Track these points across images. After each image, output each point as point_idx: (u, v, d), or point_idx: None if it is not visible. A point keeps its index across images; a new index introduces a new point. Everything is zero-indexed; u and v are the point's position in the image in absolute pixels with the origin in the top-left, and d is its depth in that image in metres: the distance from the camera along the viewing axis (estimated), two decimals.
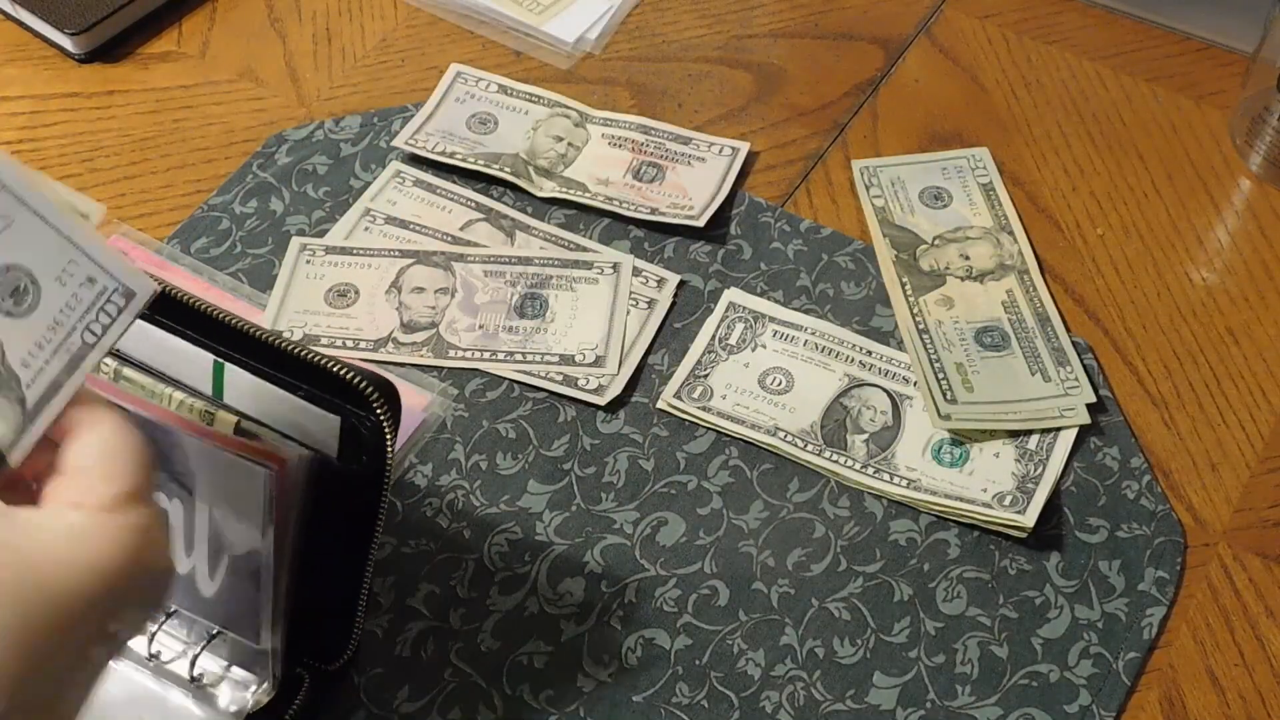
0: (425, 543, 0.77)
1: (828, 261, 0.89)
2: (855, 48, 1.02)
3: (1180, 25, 1.03)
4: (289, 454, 0.63)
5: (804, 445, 0.81)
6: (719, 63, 1.01)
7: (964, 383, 0.83)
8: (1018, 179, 0.94)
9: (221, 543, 0.66)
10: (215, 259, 0.88)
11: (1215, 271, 0.90)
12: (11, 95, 0.97)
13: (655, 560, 0.77)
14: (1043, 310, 0.86)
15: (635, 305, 0.86)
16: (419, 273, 0.87)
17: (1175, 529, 0.79)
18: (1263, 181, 0.94)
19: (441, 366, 0.84)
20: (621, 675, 0.73)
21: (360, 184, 0.92)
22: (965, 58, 1.01)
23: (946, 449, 0.81)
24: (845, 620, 0.75)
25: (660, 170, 0.93)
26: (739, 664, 0.74)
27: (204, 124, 0.96)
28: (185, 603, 0.69)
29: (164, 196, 0.92)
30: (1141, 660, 0.74)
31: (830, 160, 0.95)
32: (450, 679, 0.73)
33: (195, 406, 0.65)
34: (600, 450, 0.81)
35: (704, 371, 0.84)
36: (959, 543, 0.78)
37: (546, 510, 0.78)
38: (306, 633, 0.69)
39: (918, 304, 0.86)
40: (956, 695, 0.73)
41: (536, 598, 0.75)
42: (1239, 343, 0.87)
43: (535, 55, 1.01)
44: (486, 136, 0.95)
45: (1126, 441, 0.82)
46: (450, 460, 0.80)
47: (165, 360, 0.66)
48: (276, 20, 1.02)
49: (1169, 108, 0.98)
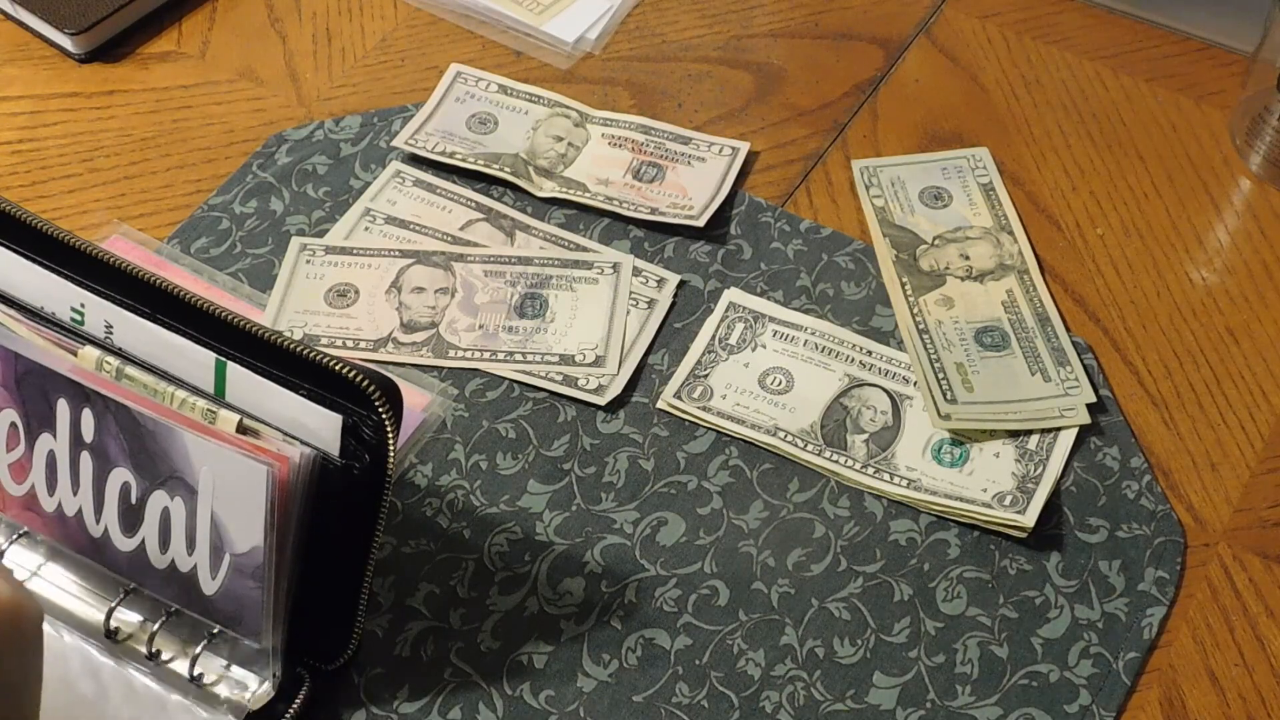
0: (425, 543, 0.77)
1: (828, 261, 0.89)
2: (855, 48, 1.02)
3: (1180, 25, 1.03)
4: (291, 452, 0.64)
5: (804, 445, 0.81)
6: (719, 63, 1.01)
7: (964, 383, 0.83)
8: (1018, 179, 0.94)
9: (223, 541, 0.66)
10: (215, 259, 0.88)
11: (1215, 271, 0.90)
12: (11, 95, 0.97)
13: (655, 560, 0.77)
14: (1043, 310, 0.86)
15: (635, 305, 0.86)
16: (419, 273, 0.87)
17: (1175, 529, 0.79)
18: (1263, 181, 0.94)
19: (441, 366, 0.84)
20: (621, 675, 0.73)
21: (360, 184, 0.92)
22: (965, 58, 1.01)
23: (946, 449, 0.81)
24: (845, 620, 0.75)
25: (660, 170, 0.93)
26: (739, 664, 0.74)
27: (204, 124, 0.96)
28: (186, 602, 0.69)
29: (164, 196, 0.91)
30: (1141, 660, 0.74)
31: (830, 160, 0.95)
32: (450, 679, 0.73)
33: (197, 405, 0.65)
34: (600, 450, 0.81)
35: (704, 371, 0.84)
36: (959, 543, 0.78)
37: (546, 510, 0.78)
38: (306, 633, 0.69)
39: (918, 304, 0.86)
40: (956, 695, 0.73)
41: (536, 598, 0.75)
42: (1239, 343, 0.87)
43: (535, 55, 1.01)
44: (486, 136, 0.95)
45: (1126, 441, 0.82)
46: (450, 460, 0.80)
47: (168, 358, 0.66)
48: (276, 20, 1.02)
49: (1169, 108, 0.98)
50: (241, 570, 0.66)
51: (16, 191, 0.91)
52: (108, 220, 0.89)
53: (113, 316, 0.67)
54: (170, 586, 0.69)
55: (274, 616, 0.67)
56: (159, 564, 0.69)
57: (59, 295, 0.68)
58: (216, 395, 0.66)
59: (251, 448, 0.64)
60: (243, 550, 0.66)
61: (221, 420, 0.65)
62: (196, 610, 0.69)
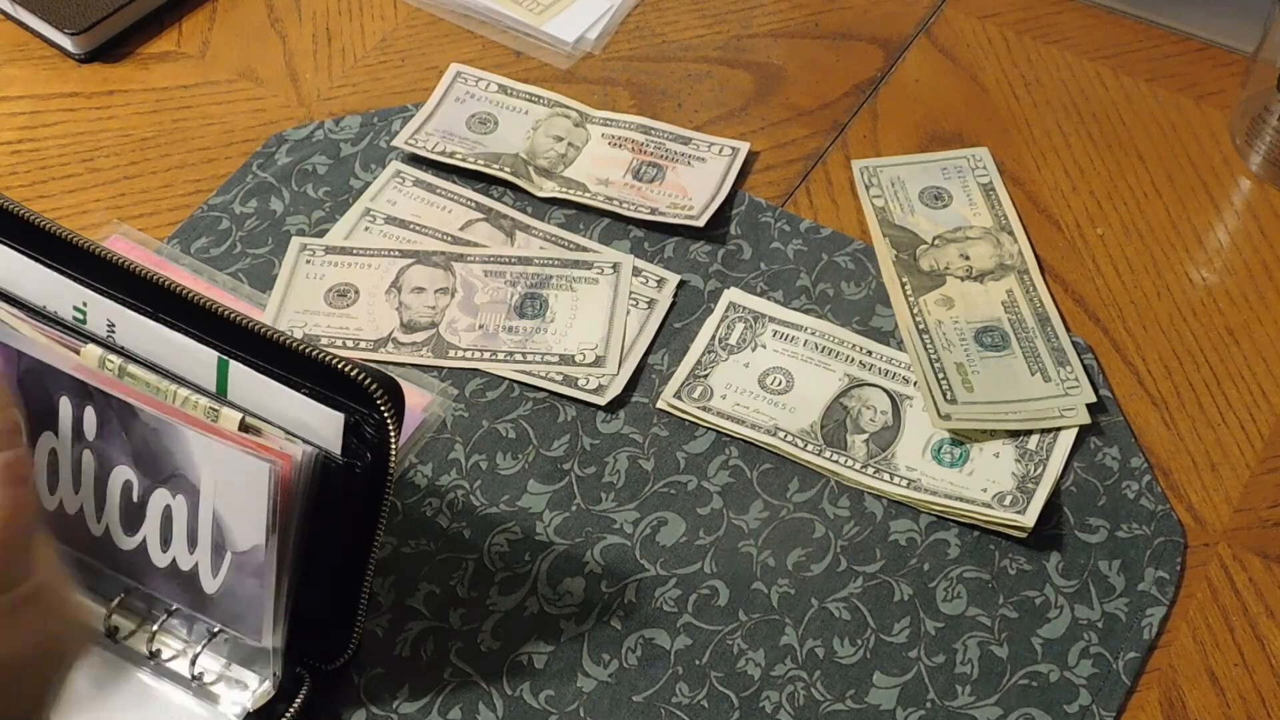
0: (425, 543, 0.77)
1: (828, 261, 0.89)
2: (855, 48, 1.02)
3: (1180, 25, 1.03)
4: (293, 451, 0.64)
5: (804, 445, 0.81)
6: (719, 63, 1.01)
7: (964, 383, 0.83)
8: (1018, 179, 0.94)
9: (224, 540, 0.66)
10: (215, 259, 0.88)
11: (1215, 271, 0.90)
12: (11, 95, 0.97)
13: (655, 560, 0.77)
14: (1043, 310, 0.86)
15: (635, 305, 0.86)
16: (419, 273, 0.87)
17: (1175, 529, 0.79)
18: (1263, 181, 0.94)
19: (441, 366, 0.84)
20: (621, 675, 0.73)
21: (360, 184, 0.92)
22: (965, 58, 1.01)
23: (946, 449, 0.81)
24: (845, 620, 0.75)
25: (660, 170, 0.93)
26: (739, 664, 0.74)
27: (204, 124, 0.96)
28: (187, 601, 0.69)
29: (164, 196, 0.91)
30: (1141, 660, 0.74)
31: (830, 160, 0.95)
32: (450, 679, 0.73)
33: (200, 403, 0.65)
34: (600, 450, 0.81)
35: (704, 371, 0.84)
36: (959, 543, 0.78)
37: (546, 510, 0.78)
38: (307, 632, 0.69)
39: (918, 304, 0.86)
40: (956, 695, 0.73)
41: (536, 598, 0.75)
42: (1239, 343, 0.87)
43: (535, 55, 1.01)
44: (486, 136, 0.95)
45: (1126, 441, 0.82)
46: (450, 460, 0.80)
47: (170, 357, 0.66)
48: (276, 20, 1.02)
49: (1169, 108, 0.98)
50: (242, 569, 0.66)
51: (16, 191, 0.91)
52: (108, 220, 0.89)
53: (115, 315, 0.67)
54: (171, 585, 0.69)
55: (274, 616, 0.67)
56: (160, 563, 0.69)
57: (61, 294, 0.68)
58: (219, 393, 0.66)
59: (254, 446, 0.64)
60: (244, 549, 0.66)
61: (224, 418, 0.65)
62: (197, 609, 0.69)
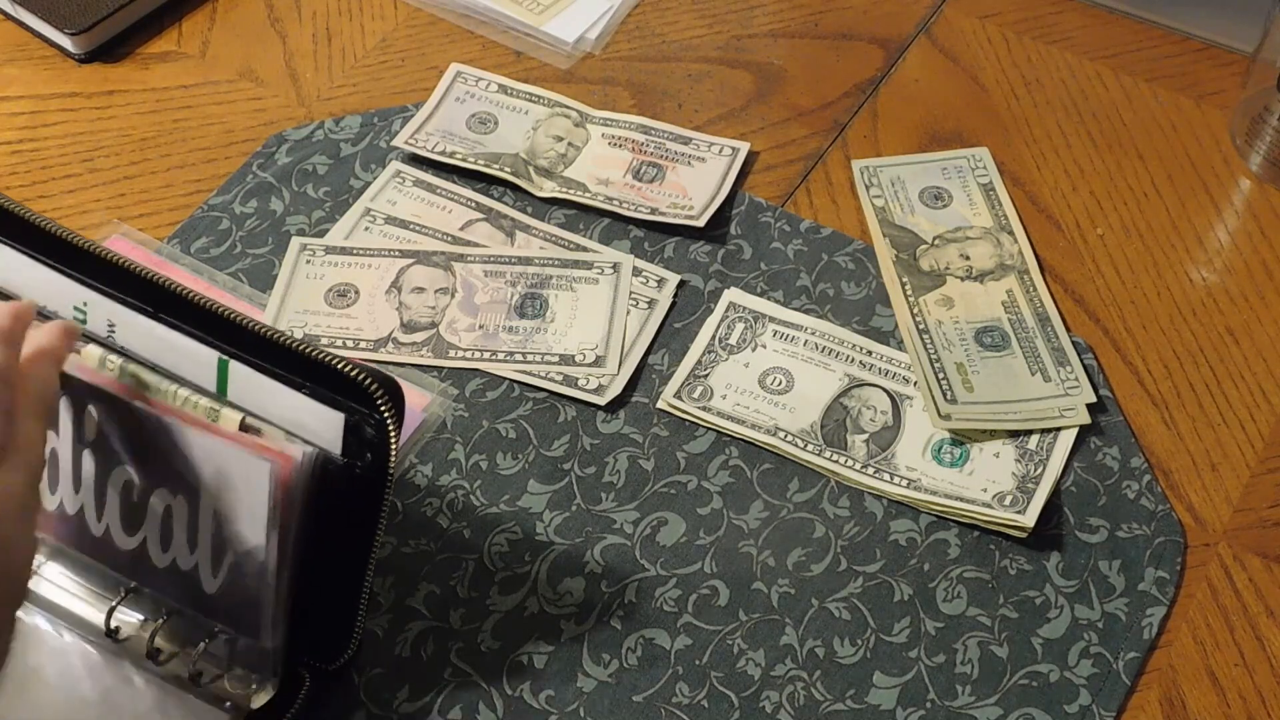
0: (425, 543, 0.77)
1: (828, 261, 0.89)
2: (855, 48, 1.02)
3: (1180, 25, 1.03)
4: (293, 450, 0.64)
5: (804, 445, 0.81)
6: (719, 63, 1.01)
7: (964, 383, 0.83)
8: (1018, 179, 0.94)
9: (225, 540, 0.66)
10: (215, 259, 0.88)
11: (1215, 271, 0.90)
12: (11, 95, 0.97)
13: (655, 560, 0.77)
14: (1043, 310, 0.86)
15: (635, 305, 0.86)
16: (419, 273, 0.87)
17: (1175, 529, 0.79)
18: (1263, 181, 0.94)
19: (441, 366, 0.84)
20: (621, 675, 0.73)
21: (360, 184, 0.92)
22: (965, 58, 1.01)
23: (946, 449, 0.81)
24: (845, 620, 0.75)
25: (660, 170, 0.93)
26: (739, 664, 0.74)
27: (204, 124, 0.96)
28: (187, 600, 0.69)
29: (164, 196, 0.91)
30: (1141, 660, 0.74)
31: (830, 160, 0.95)
32: (450, 679, 0.73)
33: (200, 403, 0.65)
34: (600, 450, 0.81)
35: (704, 371, 0.84)
36: (959, 543, 0.78)
37: (546, 510, 0.78)
38: (307, 632, 0.69)
39: (918, 304, 0.86)
40: (956, 695, 0.73)
41: (536, 598, 0.75)
42: (1239, 343, 0.87)
43: (535, 55, 1.01)
44: (486, 136, 0.95)
45: (1126, 441, 0.82)
46: (450, 460, 0.80)
47: (171, 357, 0.66)
48: (276, 20, 1.02)
49: (1169, 108, 0.98)
50: (243, 569, 0.66)
51: (17, 191, 0.91)
52: (108, 220, 0.89)
53: (115, 315, 0.67)
54: (171, 585, 0.69)
55: (275, 615, 0.67)
56: (160, 563, 0.69)
57: (62, 294, 0.68)
58: (219, 394, 0.66)
59: (254, 446, 0.64)
60: (244, 549, 0.66)
61: (224, 419, 0.65)
62: (197, 609, 0.69)
